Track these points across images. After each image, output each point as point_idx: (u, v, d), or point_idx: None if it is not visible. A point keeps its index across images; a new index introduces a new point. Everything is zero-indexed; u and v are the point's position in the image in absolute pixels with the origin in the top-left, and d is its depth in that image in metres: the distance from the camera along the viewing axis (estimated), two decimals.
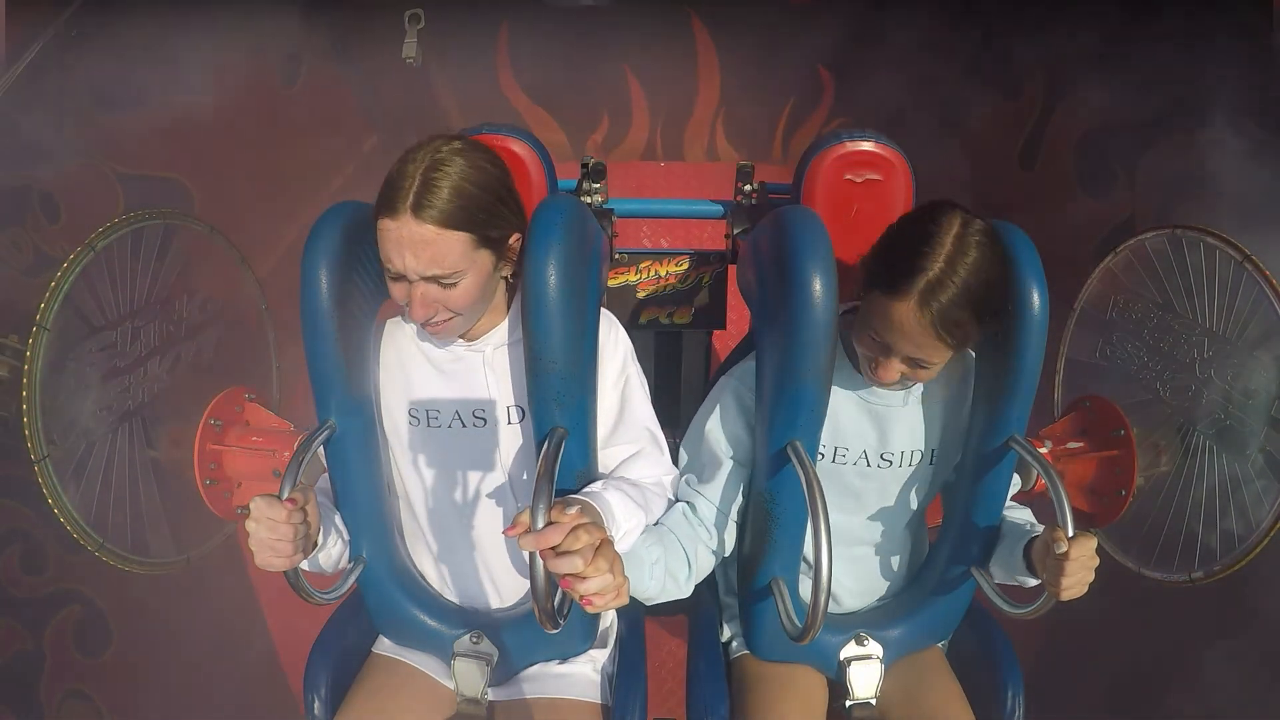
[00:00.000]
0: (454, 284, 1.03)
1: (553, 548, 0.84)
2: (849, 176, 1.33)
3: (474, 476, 1.19)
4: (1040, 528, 1.20)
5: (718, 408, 1.22)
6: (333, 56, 2.55)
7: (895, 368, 1.09)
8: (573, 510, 0.88)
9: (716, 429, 1.21)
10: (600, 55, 2.71)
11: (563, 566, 0.83)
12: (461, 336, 1.16)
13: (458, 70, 2.71)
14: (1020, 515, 1.28)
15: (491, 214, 1.04)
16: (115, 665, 1.67)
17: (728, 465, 1.20)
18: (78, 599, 1.59)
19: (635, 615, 1.38)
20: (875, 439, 1.22)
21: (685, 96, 2.93)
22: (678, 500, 1.21)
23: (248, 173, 2.14)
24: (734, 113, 2.96)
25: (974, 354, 1.24)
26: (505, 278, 1.15)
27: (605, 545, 0.87)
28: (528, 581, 0.90)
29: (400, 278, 1.04)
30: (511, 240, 1.09)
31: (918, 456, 1.23)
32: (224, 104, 2.00)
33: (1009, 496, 1.24)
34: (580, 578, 0.84)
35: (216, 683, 1.99)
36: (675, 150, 3.06)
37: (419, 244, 1.00)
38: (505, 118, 2.82)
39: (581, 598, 0.85)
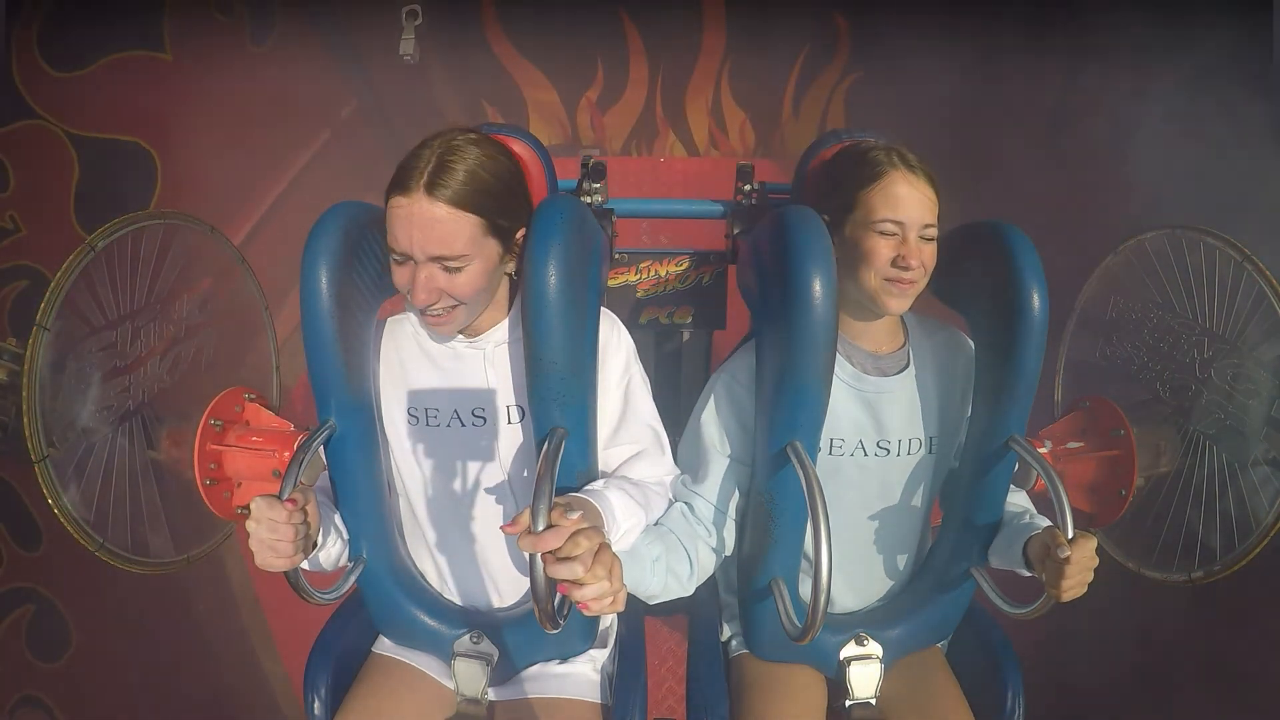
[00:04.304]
0: (459, 269, 1.04)
1: (552, 551, 0.84)
2: None
3: (473, 476, 1.19)
4: (1039, 518, 1.21)
5: (709, 404, 1.22)
6: (308, 15, 2.42)
7: (916, 248, 1.11)
8: (574, 515, 0.88)
9: (710, 426, 1.21)
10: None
11: (562, 572, 0.83)
12: (461, 333, 1.16)
13: (443, 28, 2.53)
14: (1017, 500, 1.28)
15: (502, 203, 1.06)
16: (75, 669, 1.61)
17: (723, 462, 1.20)
18: (32, 598, 1.54)
19: (635, 615, 1.38)
20: (871, 427, 1.21)
21: (688, 45, 2.73)
22: (676, 501, 1.21)
23: (213, 137, 2.05)
24: (742, 64, 2.77)
25: (973, 346, 1.24)
26: (509, 274, 1.15)
27: (604, 550, 0.87)
28: (528, 581, 0.90)
29: (406, 259, 1.03)
30: (518, 235, 1.10)
31: (916, 445, 1.23)
32: (187, 62, 1.90)
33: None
34: (578, 584, 0.84)
35: (197, 687, 1.94)
36: (677, 107, 2.83)
37: (429, 222, 1.00)
38: (493, 75, 2.62)
39: (579, 602, 0.85)
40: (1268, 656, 1.53)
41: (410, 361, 1.19)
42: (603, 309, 1.17)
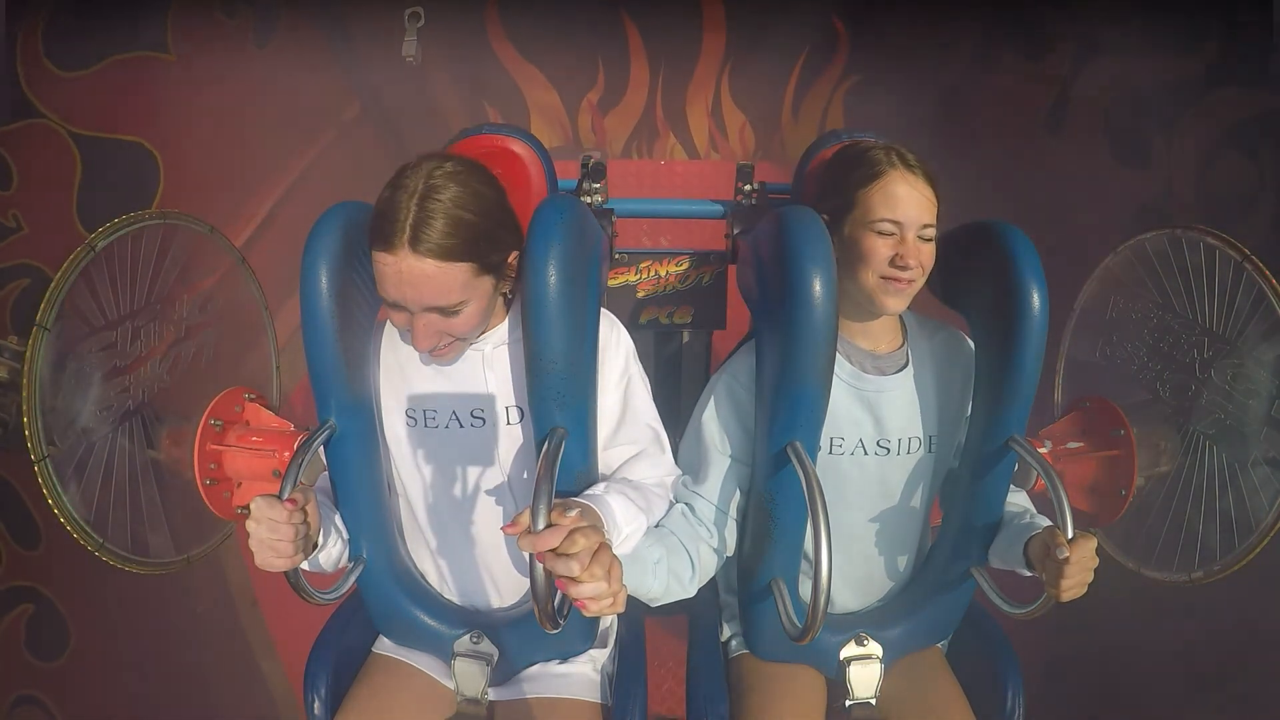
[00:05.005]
0: (457, 312, 1.03)
1: (551, 550, 0.84)
2: None
3: (472, 477, 1.19)
4: (1039, 518, 1.21)
5: (710, 404, 1.22)
6: (311, 17, 2.40)
7: (914, 248, 1.11)
8: (573, 513, 0.88)
9: (710, 426, 1.21)
10: (596, 1, 2.55)
11: (558, 568, 0.83)
12: None
13: (445, 30, 2.51)
14: (1018, 500, 1.28)
15: (490, 239, 1.04)
16: (73, 669, 1.61)
17: (724, 463, 1.20)
18: (31, 597, 1.54)
19: (635, 615, 1.38)
20: (870, 426, 1.22)
21: (689, 47, 2.73)
22: (676, 501, 1.21)
23: (216, 138, 2.05)
24: (742, 66, 2.77)
25: (972, 345, 1.24)
26: (505, 294, 1.15)
27: (603, 550, 0.87)
28: (527, 581, 0.90)
29: (401, 307, 1.03)
30: (510, 259, 1.09)
31: (915, 444, 1.23)
32: (190, 63, 1.91)
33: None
34: (575, 581, 0.84)
35: (196, 687, 1.94)
36: (678, 109, 2.83)
37: (419, 279, 0.99)
38: (495, 77, 2.66)
39: (576, 600, 0.85)
40: (1267, 656, 1.53)
41: (409, 363, 1.18)
42: (602, 309, 1.17)
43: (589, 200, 1.54)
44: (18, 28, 1.52)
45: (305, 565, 1.07)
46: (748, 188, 1.55)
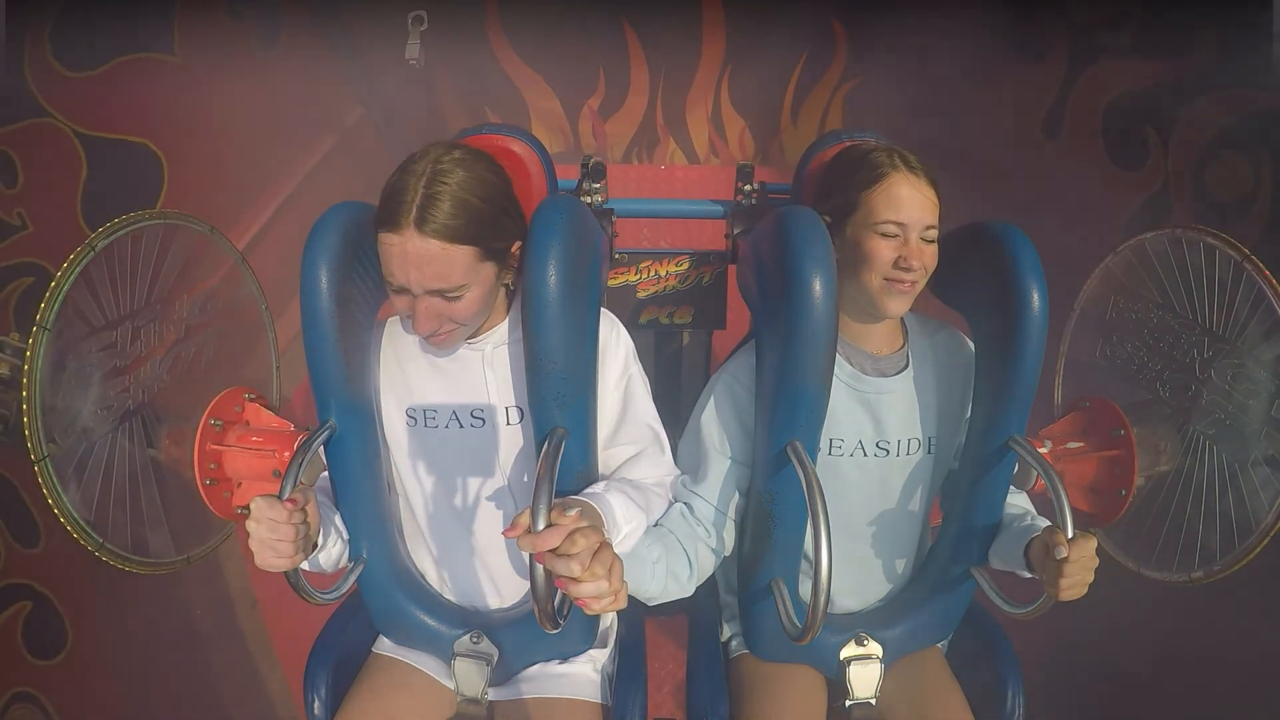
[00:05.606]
0: (459, 297, 1.04)
1: (551, 550, 0.84)
2: None
3: (472, 477, 1.19)
4: (1040, 520, 1.21)
5: (710, 404, 1.22)
6: (316, 20, 2.42)
7: (917, 250, 1.11)
8: (572, 513, 0.88)
9: (710, 426, 1.21)
10: (596, 7, 2.55)
11: (559, 568, 0.83)
12: None
13: (447, 35, 2.51)
14: (1018, 502, 1.28)
15: (495, 225, 1.05)
16: (71, 667, 1.61)
17: (723, 463, 1.20)
18: (28, 595, 1.54)
19: (635, 615, 1.38)
20: (870, 428, 1.22)
21: (688, 53, 2.75)
22: (675, 501, 1.21)
23: (220, 140, 2.05)
24: (741, 71, 2.78)
25: (972, 346, 1.24)
26: (506, 285, 1.15)
27: (604, 549, 0.87)
28: (527, 582, 0.90)
29: (404, 291, 1.04)
30: (513, 249, 1.09)
31: (915, 445, 1.23)
32: (196, 65, 1.91)
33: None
34: (576, 581, 0.84)
35: (195, 687, 1.94)
36: (677, 115, 2.86)
37: (424, 259, 1.00)
38: (496, 82, 2.65)
39: (577, 599, 0.85)
40: (1267, 657, 1.53)
41: (409, 363, 1.19)
42: (602, 309, 1.18)
43: (589, 200, 1.54)
44: (24, 27, 1.52)
45: (305, 565, 1.07)
46: (748, 188, 1.55)
